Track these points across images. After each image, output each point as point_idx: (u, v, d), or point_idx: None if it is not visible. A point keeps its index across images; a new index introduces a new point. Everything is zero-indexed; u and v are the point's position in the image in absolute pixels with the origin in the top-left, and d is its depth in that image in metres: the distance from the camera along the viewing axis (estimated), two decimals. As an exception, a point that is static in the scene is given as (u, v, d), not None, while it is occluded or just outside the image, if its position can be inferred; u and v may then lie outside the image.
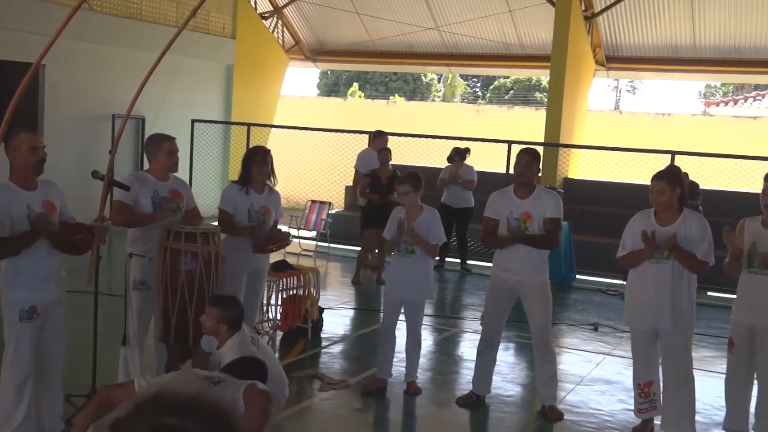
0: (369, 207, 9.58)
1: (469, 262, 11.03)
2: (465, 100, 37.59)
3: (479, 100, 36.99)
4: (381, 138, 10.11)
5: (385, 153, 9.67)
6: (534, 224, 5.49)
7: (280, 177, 6.17)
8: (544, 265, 5.59)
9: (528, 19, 14.71)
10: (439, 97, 36.28)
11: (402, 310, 5.97)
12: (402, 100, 28.22)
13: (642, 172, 9.48)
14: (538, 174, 5.69)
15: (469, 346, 7.22)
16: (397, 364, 6.16)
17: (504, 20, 14.89)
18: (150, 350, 5.44)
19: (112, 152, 5.38)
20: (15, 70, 6.83)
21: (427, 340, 7.32)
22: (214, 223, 5.88)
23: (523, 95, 35.34)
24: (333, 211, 12.56)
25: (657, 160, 9.43)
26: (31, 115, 10.79)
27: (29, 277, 4.30)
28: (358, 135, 12.75)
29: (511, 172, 7.25)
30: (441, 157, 11.52)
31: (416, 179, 5.77)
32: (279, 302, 7.10)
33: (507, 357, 7.07)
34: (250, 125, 13.33)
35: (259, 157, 5.78)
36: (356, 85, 33.72)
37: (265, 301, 6.85)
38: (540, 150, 6.01)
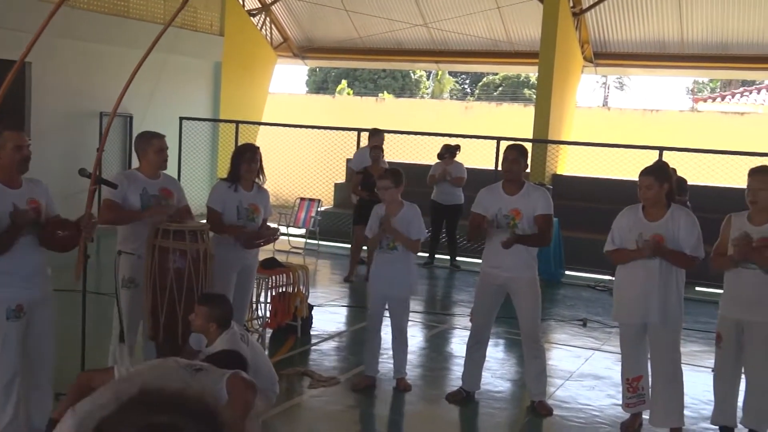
0: (360, 204, 9.59)
1: (458, 258, 11.04)
2: (454, 96, 37.58)
3: (468, 97, 37.02)
4: (377, 136, 10.10)
5: (377, 151, 9.68)
6: (523, 221, 5.49)
7: (269, 174, 6.15)
8: (533, 261, 5.60)
9: (516, 16, 14.74)
10: (427, 94, 36.26)
11: (387, 307, 5.98)
12: (391, 97, 28.18)
13: (630, 168, 9.50)
14: (526, 170, 5.70)
15: (458, 343, 7.23)
16: (386, 361, 6.17)
17: (492, 17, 14.91)
18: (139, 348, 5.42)
19: (99, 150, 5.35)
20: (3, 68, 6.77)
21: (416, 337, 7.33)
22: (203, 221, 5.86)
23: (512, 92, 35.39)
24: (322, 208, 12.54)
25: (645, 156, 9.46)
26: (17, 112, 10.78)
27: (15, 276, 4.26)
28: (347, 132, 12.75)
29: (499, 169, 7.25)
30: (430, 154, 11.52)
31: (397, 175, 5.78)
32: (268, 300, 7.09)
33: (496, 353, 7.09)
34: (238, 123, 13.31)
35: (247, 154, 5.76)
36: (345, 83, 33.66)
37: (254, 299, 6.84)
38: (529, 147, 6.02)
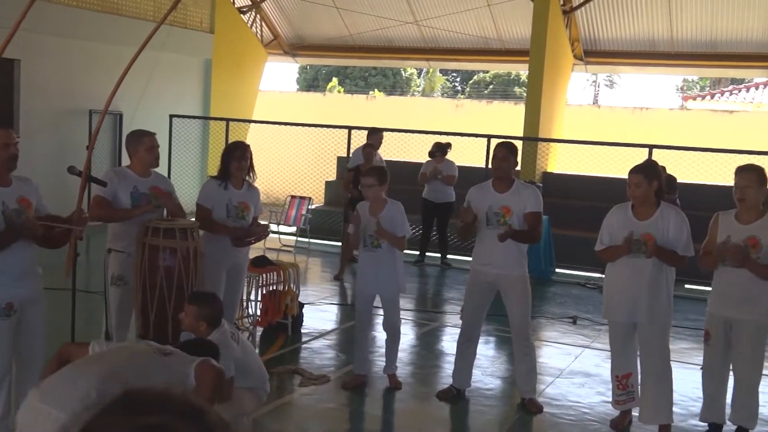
0: (352, 202, 9.57)
1: (449, 256, 11.05)
2: (445, 94, 37.60)
3: (459, 95, 37.03)
4: (376, 135, 10.10)
5: (369, 149, 9.68)
6: (513, 218, 5.50)
7: (260, 172, 6.15)
8: (523, 258, 5.62)
9: (507, 14, 14.76)
10: (418, 92, 36.27)
11: (376, 304, 5.99)
12: (381, 94, 28.18)
13: (620, 166, 9.54)
14: (516, 167, 5.71)
15: (449, 341, 7.24)
16: (377, 359, 6.17)
17: (483, 15, 14.92)
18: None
19: (89, 148, 5.33)
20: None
21: (407, 335, 7.34)
22: (193, 218, 5.85)
23: (503, 90, 35.43)
24: (313, 206, 12.53)
25: (635, 154, 9.49)
26: (6, 110, 10.72)
27: (5, 274, 4.24)
28: (338, 130, 12.73)
29: (490, 167, 7.27)
30: (421, 152, 11.52)
31: (381, 173, 5.79)
32: (259, 298, 7.09)
33: (487, 350, 7.10)
34: (228, 120, 13.28)
35: (238, 152, 5.75)
36: (335, 80, 33.61)
37: (245, 297, 6.83)
38: (519, 144, 6.03)
